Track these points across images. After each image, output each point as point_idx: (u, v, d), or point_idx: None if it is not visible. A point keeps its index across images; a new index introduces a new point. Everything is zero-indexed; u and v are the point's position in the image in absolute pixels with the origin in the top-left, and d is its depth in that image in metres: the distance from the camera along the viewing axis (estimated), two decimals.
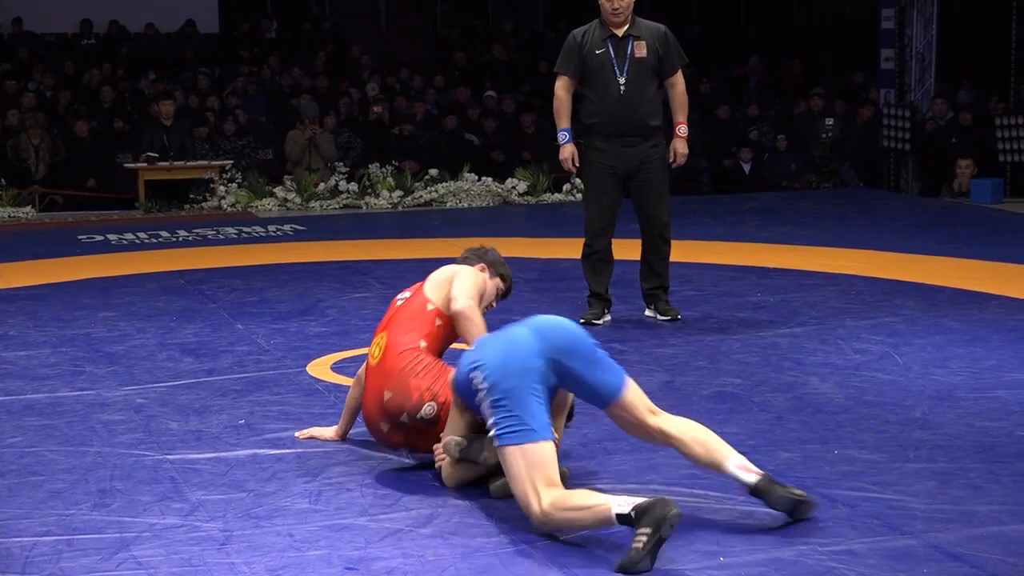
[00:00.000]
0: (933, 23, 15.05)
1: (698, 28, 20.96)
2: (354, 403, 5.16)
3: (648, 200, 7.41)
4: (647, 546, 3.90)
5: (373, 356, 4.91)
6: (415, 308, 4.97)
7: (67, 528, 4.32)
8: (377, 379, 4.84)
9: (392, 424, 4.80)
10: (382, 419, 4.81)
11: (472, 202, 13.80)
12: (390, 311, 5.05)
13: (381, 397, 4.80)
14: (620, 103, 7.26)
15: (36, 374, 6.50)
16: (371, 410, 4.86)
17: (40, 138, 14.56)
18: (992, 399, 5.73)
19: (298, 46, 19.02)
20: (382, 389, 4.80)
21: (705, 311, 7.78)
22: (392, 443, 4.90)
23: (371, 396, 4.86)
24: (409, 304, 5.00)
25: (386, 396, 4.78)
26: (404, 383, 4.78)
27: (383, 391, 4.79)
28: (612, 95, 7.26)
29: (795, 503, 4.25)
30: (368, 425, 4.95)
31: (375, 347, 4.93)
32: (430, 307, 4.96)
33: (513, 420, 4.21)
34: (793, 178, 15.27)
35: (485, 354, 4.37)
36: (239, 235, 11.62)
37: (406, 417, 4.77)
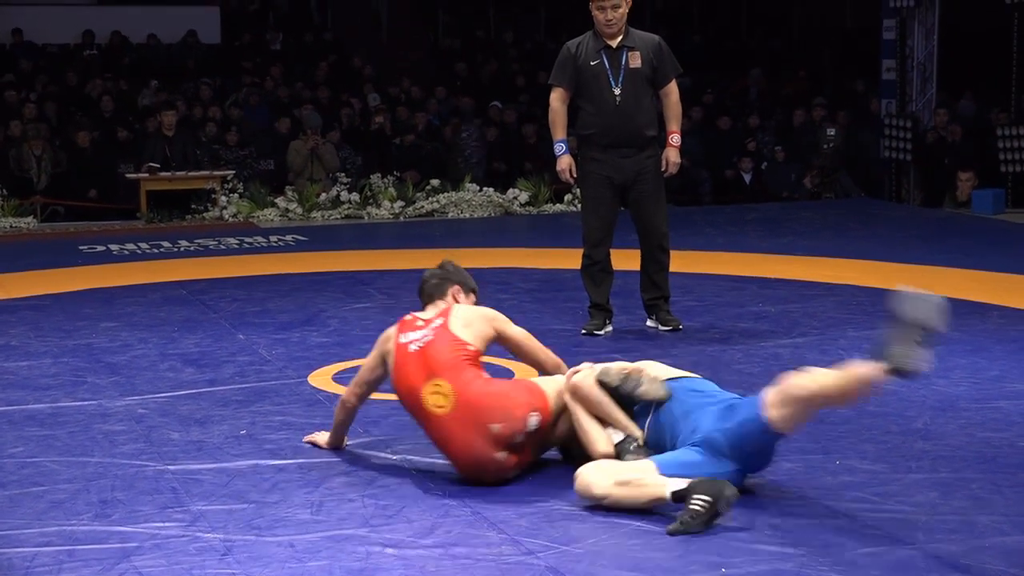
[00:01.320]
0: (934, 34, 15.07)
1: (699, 39, 20.99)
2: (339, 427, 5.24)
3: (646, 211, 7.41)
4: (703, 515, 4.17)
5: (439, 406, 4.77)
6: (452, 346, 4.87)
7: (68, 538, 4.32)
8: (469, 422, 4.72)
9: (509, 450, 4.75)
10: (496, 451, 4.72)
11: (473, 212, 13.80)
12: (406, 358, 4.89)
13: (488, 433, 4.70)
14: (616, 114, 7.26)
15: (37, 384, 6.50)
16: (479, 450, 4.72)
17: (42, 149, 14.57)
18: (994, 410, 5.72)
19: (300, 57, 19.04)
20: (485, 426, 4.71)
21: (707, 321, 7.78)
22: (508, 468, 4.79)
23: (472, 439, 4.72)
24: (440, 345, 4.87)
25: (495, 429, 4.71)
26: (506, 410, 4.74)
27: (487, 427, 4.71)
28: (607, 106, 7.26)
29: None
30: (474, 468, 4.78)
31: (436, 396, 4.77)
32: (471, 348, 4.90)
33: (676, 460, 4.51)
34: (794, 188, 15.27)
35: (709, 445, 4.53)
36: (240, 245, 11.62)
37: (521, 437, 4.74)
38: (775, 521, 4.37)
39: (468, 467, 4.80)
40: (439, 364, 4.83)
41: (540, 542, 4.23)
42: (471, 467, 4.79)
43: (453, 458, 4.83)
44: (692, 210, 14.04)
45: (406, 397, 4.91)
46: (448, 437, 4.79)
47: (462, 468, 4.82)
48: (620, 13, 7.22)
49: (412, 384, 4.86)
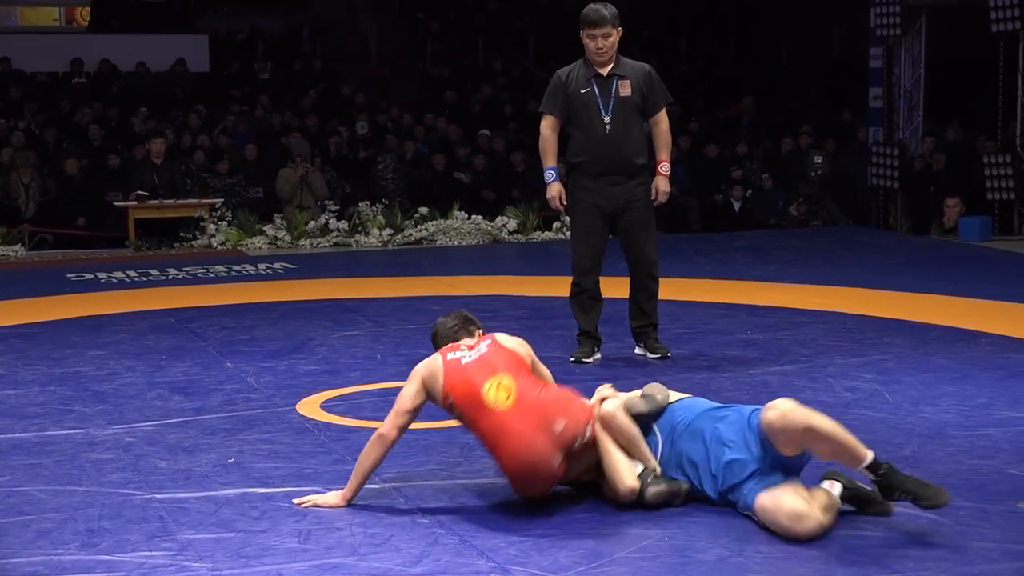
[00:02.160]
0: (921, 62, 15.16)
1: (687, 67, 21.07)
2: (372, 467, 4.92)
3: (635, 239, 7.42)
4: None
5: (500, 400, 4.70)
6: (509, 355, 4.87)
7: (55, 568, 4.30)
8: (532, 416, 4.67)
9: (565, 454, 4.68)
10: (555, 453, 4.65)
11: (462, 240, 13.82)
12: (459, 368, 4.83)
13: (551, 430, 4.65)
14: (606, 142, 7.28)
15: (24, 413, 6.48)
16: (539, 448, 4.64)
17: (30, 177, 14.56)
18: (982, 437, 5.73)
19: (289, 85, 19.09)
20: (550, 422, 4.66)
21: (695, 349, 7.78)
22: (555, 478, 4.73)
23: (533, 434, 4.65)
24: (498, 354, 4.86)
25: (559, 426, 4.66)
26: (570, 410, 4.73)
27: (551, 423, 4.65)
28: (598, 134, 7.28)
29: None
30: (528, 467, 4.68)
31: (499, 391, 4.71)
32: (527, 360, 4.93)
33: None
34: (781, 215, 15.31)
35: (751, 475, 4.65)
36: (229, 273, 11.62)
37: (579, 443, 4.70)
38: (763, 549, 4.36)
39: (521, 467, 4.67)
40: (501, 364, 4.80)
41: (528, 570, 4.22)
42: (525, 467, 4.67)
43: (508, 456, 4.68)
44: (680, 237, 14.06)
45: (463, 399, 4.77)
46: (507, 432, 4.67)
47: (515, 468, 4.69)
48: (611, 42, 7.24)
49: (471, 385, 4.75)
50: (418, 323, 8.67)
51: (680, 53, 21.75)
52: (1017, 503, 4.79)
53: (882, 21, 15.15)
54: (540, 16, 21.74)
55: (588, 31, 7.26)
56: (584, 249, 7.45)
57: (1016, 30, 13.68)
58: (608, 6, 7.26)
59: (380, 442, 4.89)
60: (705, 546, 4.38)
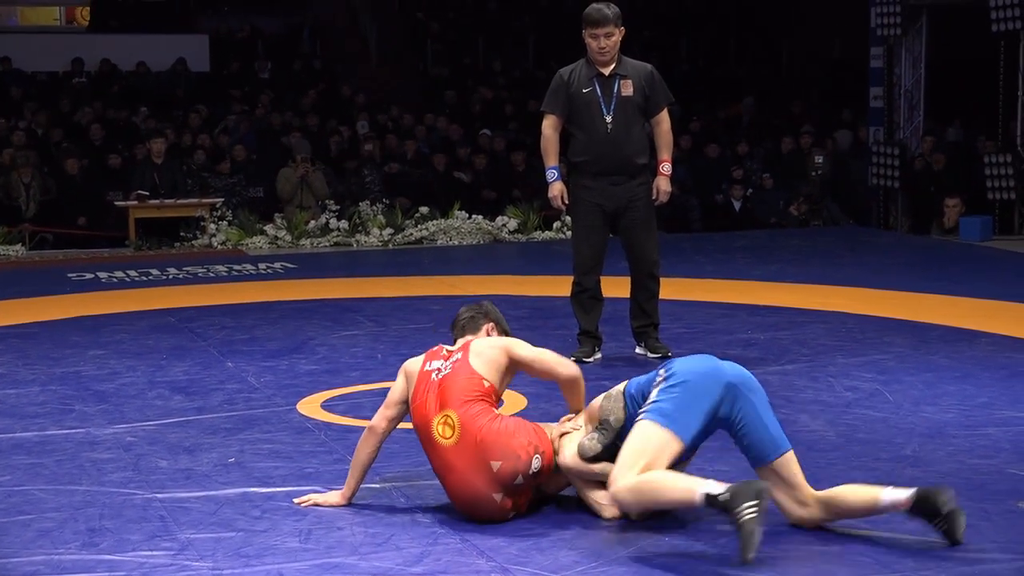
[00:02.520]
0: (922, 62, 15.16)
1: (687, 67, 21.07)
2: (367, 461, 4.93)
3: (636, 238, 7.42)
4: (758, 518, 4.06)
5: (444, 436, 4.71)
6: (467, 381, 4.79)
7: (56, 567, 4.30)
8: (470, 455, 4.67)
9: (506, 491, 4.67)
10: (495, 490, 4.65)
11: (463, 240, 13.82)
12: (427, 385, 4.81)
13: (488, 469, 4.64)
14: (607, 142, 7.28)
15: (25, 412, 6.48)
16: (477, 486, 4.66)
17: (30, 176, 14.56)
18: (983, 436, 5.73)
19: (289, 85, 19.09)
20: (486, 461, 4.65)
21: (696, 348, 7.76)
22: (503, 511, 4.71)
23: (471, 474, 4.66)
24: (457, 379, 4.79)
25: (495, 466, 4.64)
26: (508, 448, 4.66)
27: (488, 463, 4.65)
28: (599, 134, 7.28)
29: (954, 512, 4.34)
30: (470, 504, 4.70)
31: (442, 427, 4.72)
32: (486, 384, 4.81)
33: (671, 405, 4.44)
34: (781, 215, 15.31)
35: (676, 362, 4.60)
36: (229, 273, 11.62)
37: (521, 479, 4.67)
38: (764, 549, 4.35)
39: (464, 502, 4.74)
40: (451, 396, 4.76)
41: (529, 570, 4.21)
42: (467, 502, 4.72)
43: (451, 491, 4.77)
44: (681, 237, 14.06)
45: (419, 425, 4.83)
46: (449, 468, 4.72)
47: (459, 502, 4.76)
48: (613, 41, 7.24)
49: (424, 413, 4.79)
50: (418, 323, 8.68)
51: (681, 53, 21.74)
52: (1017, 503, 4.79)
53: (883, 21, 15.15)
54: (540, 16, 21.73)
55: (591, 30, 7.25)
56: (585, 248, 7.45)
57: (1016, 30, 13.68)
58: (611, 6, 7.26)
59: (370, 434, 4.92)
60: (705, 546, 4.38)
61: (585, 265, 7.46)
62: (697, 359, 4.62)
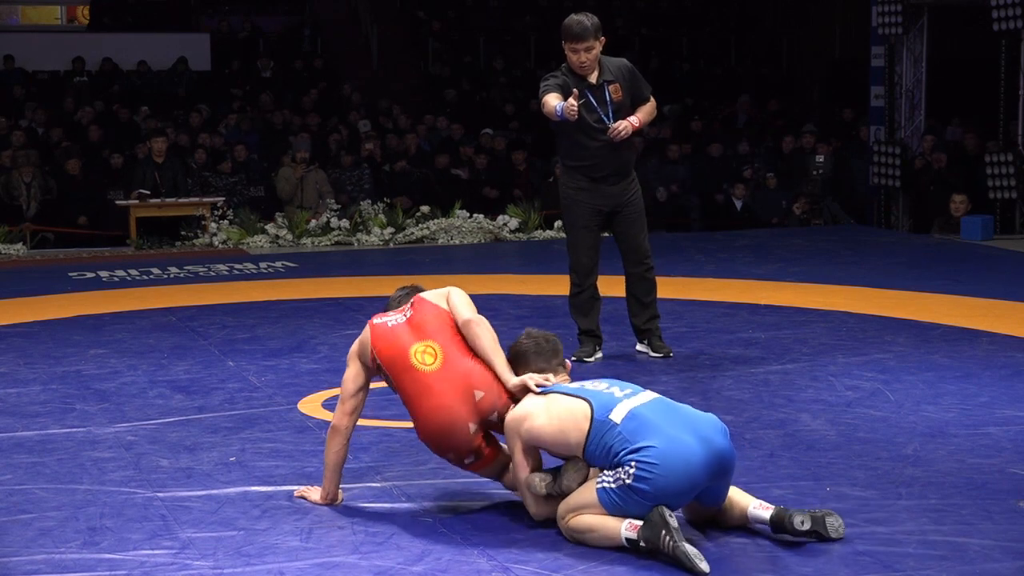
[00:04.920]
0: (923, 61, 15.15)
1: (688, 67, 21.07)
2: (338, 461, 4.92)
3: (631, 232, 7.41)
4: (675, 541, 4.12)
5: (424, 363, 4.73)
6: (436, 316, 4.85)
7: (56, 566, 4.30)
8: (455, 382, 4.68)
9: (480, 423, 4.69)
10: (472, 420, 4.67)
11: (464, 239, 13.82)
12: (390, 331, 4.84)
13: (472, 398, 4.66)
14: (606, 147, 7.27)
15: (26, 411, 6.48)
16: (457, 412, 4.66)
17: (31, 175, 14.57)
18: (984, 436, 5.73)
19: (290, 84, 19.09)
20: (470, 390, 4.67)
21: (697, 348, 7.78)
22: (470, 445, 4.70)
23: (452, 400, 4.66)
24: (425, 315, 4.84)
25: (478, 395, 4.67)
26: (491, 382, 4.70)
27: (472, 391, 4.67)
28: (598, 141, 7.26)
29: (819, 519, 4.36)
30: (443, 430, 4.68)
31: (422, 355, 4.74)
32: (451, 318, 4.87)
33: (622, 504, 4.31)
34: (783, 214, 15.31)
35: (658, 453, 4.28)
36: (230, 272, 11.62)
37: (495, 416, 4.69)
38: (765, 549, 4.36)
39: (436, 428, 4.70)
40: (427, 329, 4.81)
41: (529, 569, 4.22)
42: (440, 428, 4.69)
43: (424, 416, 4.71)
44: (681, 236, 14.06)
45: (391, 360, 4.78)
46: (428, 393, 4.70)
47: (429, 429, 4.72)
48: (593, 55, 7.21)
49: (400, 346, 4.79)
50: None
51: (681, 52, 21.73)
52: (1018, 502, 4.79)
53: (884, 20, 15.14)
54: (541, 16, 21.73)
55: (571, 44, 7.19)
56: (583, 249, 7.45)
57: (1018, 29, 13.67)
58: (590, 16, 7.22)
59: (335, 434, 4.92)
60: (705, 546, 4.38)
61: (586, 265, 7.46)
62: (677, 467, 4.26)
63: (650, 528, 4.20)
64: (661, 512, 4.19)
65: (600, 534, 4.34)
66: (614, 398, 4.50)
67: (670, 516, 4.19)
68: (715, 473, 4.36)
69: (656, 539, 4.17)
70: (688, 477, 4.27)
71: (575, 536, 4.40)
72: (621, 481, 4.30)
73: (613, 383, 4.64)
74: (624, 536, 4.28)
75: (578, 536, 4.40)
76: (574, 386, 4.65)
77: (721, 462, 4.37)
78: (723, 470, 4.40)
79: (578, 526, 4.39)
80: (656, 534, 4.17)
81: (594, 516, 4.36)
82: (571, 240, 7.58)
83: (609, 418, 4.41)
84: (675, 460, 4.26)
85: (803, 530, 4.34)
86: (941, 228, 13.87)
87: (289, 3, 22.06)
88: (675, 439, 4.31)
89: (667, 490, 4.25)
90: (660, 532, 4.16)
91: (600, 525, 4.34)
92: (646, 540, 4.21)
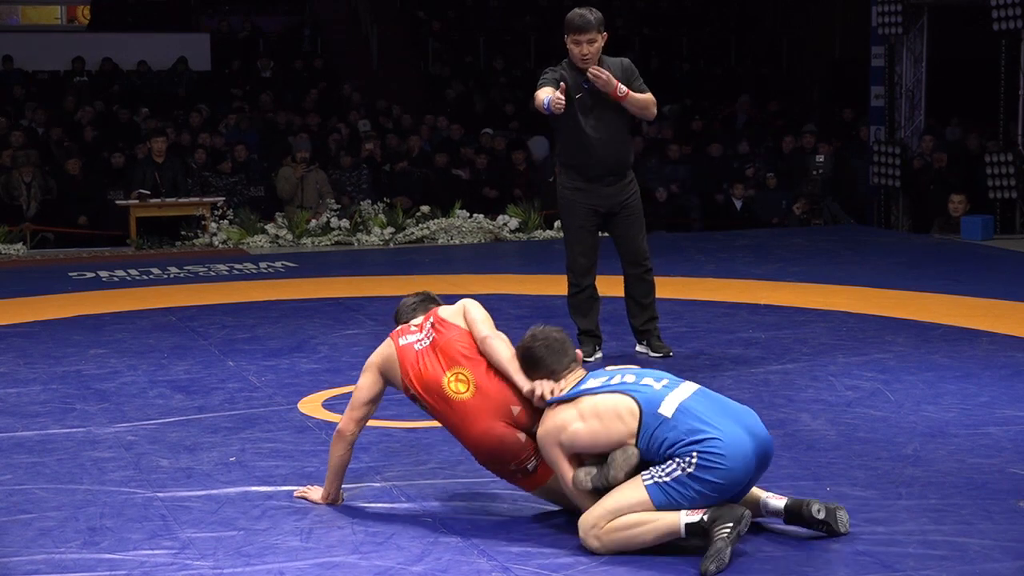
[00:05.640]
0: (923, 61, 15.15)
1: (688, 67, 21.08)
2: (342, 464, 4.93)
3: (628, 234, 7.40)
4: (730, 538, 4.12)
5: (458, 392, 4.75)
6: (459, 337, 4.87)
7: (56, 566, 4.30)
8: (492, 403, 4.72)
9: (526, 432, 4.71)
10: (519, 430, 4.71)
11: (464, 239, 13.81)
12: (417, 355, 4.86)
13: (510, 413, 4.69)
14: (601, 144, 7.27)
15: (26, 411, 6.48)
16: (502, 430, 4.70)
17: (31, 175, 14.57)
18: (984, 435, 5.73)
19: (290, 84, 19.09)
20: (507, 406, 4.70)
21: (697, 348, 7.78)
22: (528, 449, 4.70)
23: (494, 421, 4.70)
24: (449, 339, 4.87)
25: (515, 411, 4.70)
26: (519, 395, 4.71)
27: (509, 408, 4.70)
28: (593, 138, 7.26)
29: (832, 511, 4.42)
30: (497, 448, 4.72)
31: (455, 384, 4.77)
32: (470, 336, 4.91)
33: (677, 498, 4.27)
34: (784, 214, 15.31)
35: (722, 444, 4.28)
36: (230, 272, 11.61)
37: (535, 425, 4.68)
38: (766, 548, 4.36)
39: (490, 449, 4.72)
40: (455, 354, 4.82)
41: (529, 569, 4.22)
42: (493, 448, 4.71)
43: (475, 442, 4.74)
44: (681, 236, 14.06)
45: (426, 389, 4.81)
46: (472, 419, 4.72)
47: (484, 451, 4.74)
48: (596, 47, 7.22)
49: (432, 375, 4.81)
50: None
51: (681, 52, 21.74)
52: (1018, 502, 4.80)
53: (884, 20, 15.14)
54: (541, 15, 21.74)
55: (574, 36, 7.22)
56: (581, 249, 7.45)
57: (1018, 29, 13.68)
58: (593, 11, 7.25)
59: (340, 439, 4.91)
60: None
61: (582, 266, 7.46)
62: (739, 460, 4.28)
63: (726, 512, 4.18)
64: (746, 513, 4.21)
65: (651, 526, 4.26)
66: (657, 391, 4.47)
67: (747, 521, 4.22)
68: (762, 464, 4.40)
69: (722, 522, 4.15)
70: (746, 469, 4.30)
71: (615, 540, 4.29)
72: (678, 472, 4.27)
73: (642, 374, 4.61)
74: (684, 522, 4.22)
75: (621, 537, 4.28)
76: (600, 382, 4.58)
77: (767, 453, 4.43)
78: (767, 461, 4.44)
79: (623, 523, 4.28)
80: (726, 518, 4.16)
81: (642, 512, 4.30)
82: (567, 240, 7.58)
83: (659, 412, 4.39)
84: (736, 451, 4.28)
85: (819, 519, 4.39)
86: (941, 228, 13.86)
87: (289, 3, 22.06)
88: (732, 432, 4.33)
89: (731, 479, 4.26)
90: (729, 521, 4.16)
91: (652, 517, 4.27)
92: (712, 518, 4.16)
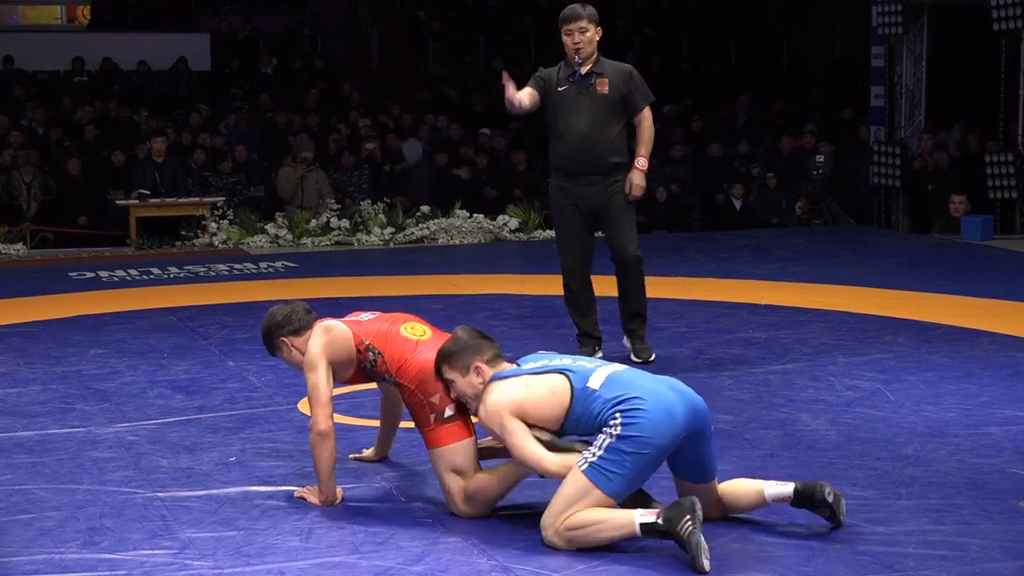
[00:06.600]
0: (923, 61, 15.15)
1: (688, 67, 21.08)
2: (332, 463, 4.92)
3: (614, 232, 7.34)
4: (697, 528, 4.14)
5: (415, 334, 5.00)
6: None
7: (57, 566, 4.30)
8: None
9: None
10: None
11: (464, 239, 13.81)
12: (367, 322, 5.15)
13: None
14: (581, 139, 7.26)
15: (26, 411, 6.48)
16: None
17: (31, 175, 14.57)
18: (984, 435, 5.73)
19: (290, 84, 19.09)
20: None
21: (697, 348, 7.78)
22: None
23: None
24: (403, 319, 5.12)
25: None
26: None
27: None
28: (574, 132, 7.26)
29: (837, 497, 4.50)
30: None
31: (415, 330, 5.04)
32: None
33: (617, 471, 4.30)
34: (784, 214, 15.31)
35: (641, 400, 4.37)
36: (230, 272, 11.61)
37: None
38: (766, 548, 4.36)
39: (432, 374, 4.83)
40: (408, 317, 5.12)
41: (529, 569, 4.22)
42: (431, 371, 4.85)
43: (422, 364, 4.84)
44: (681, 236, 14.05)
45: (377, 338, 4.98)
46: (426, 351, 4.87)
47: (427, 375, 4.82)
48: (588, 37, 7.22)
49: (387, 328, 5.03)
50: None
51: (682, 52, 21.74)
52: (1018, 502, 4.80)
53: (884, 20, 15.14)
54: (540, 16, 21.74)
55: (565, 26, 7.26)
56: (569, 249, 7.44)
57: (1018, 29, 13.68)
58: (586, 6, 7.27)
59: (324, 440, 4.89)
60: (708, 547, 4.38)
61: (571, 266, 7.44)
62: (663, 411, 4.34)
63: (676, 509, 4.19)
64: (692, 500, 4.22)
65: (608, 524, 4.28)
66: (588, 368, 4.57)
67: (699, 507, 4.21)
68: (692, 425, 4.41)
69: (678, 520, 4.16)
70: (670, 424, 4.33)
71: (574, 537, 4.32)
72: (608, 440, 4.31)
73: (577, 358, 4.72)
74: (639, 522, 4.23)
75: (579, 535, 4.31)
76: (540, 364, 4.65)
77: (697, 413, 4.45)
78: (700, 423, 4.45)
79: (579, 521, 4.30)
80: (680, 516, 4.17)
81: (595, 510, 4.31)
82: (557, 240, 7.59)
83: (588, 386, 4.48)
84: (658, 406, 4.35)
85: (828, 501, 4.45)
86: (941, 228, 13.86)
87: (289, 3, 22.06)
88: (655, 391, 4.43)
89: (656, 432, 4.30)
90: (684, 516, 4.16)
91: (607, 515, 4.29)
92: (667, 520, 4.17)
